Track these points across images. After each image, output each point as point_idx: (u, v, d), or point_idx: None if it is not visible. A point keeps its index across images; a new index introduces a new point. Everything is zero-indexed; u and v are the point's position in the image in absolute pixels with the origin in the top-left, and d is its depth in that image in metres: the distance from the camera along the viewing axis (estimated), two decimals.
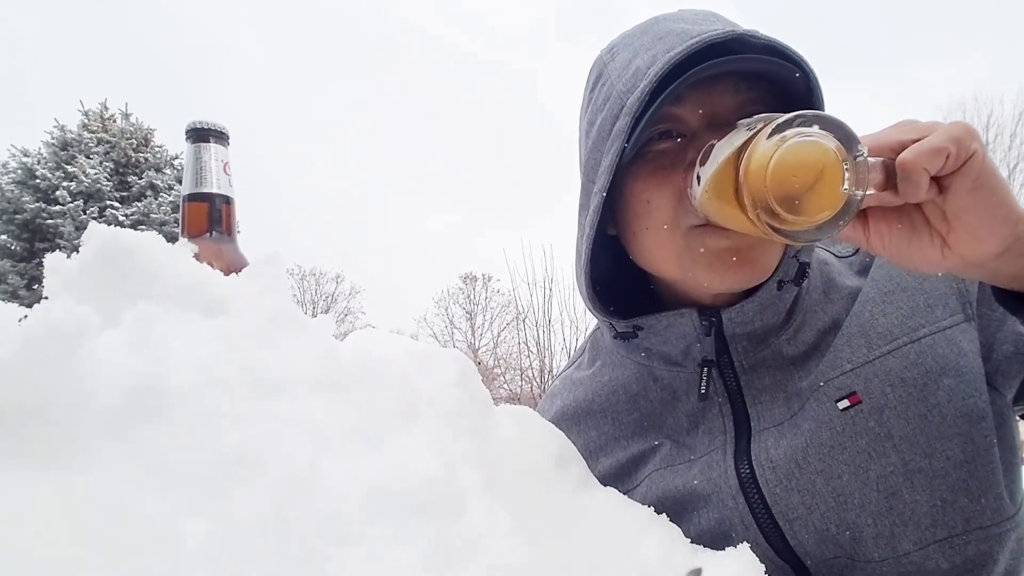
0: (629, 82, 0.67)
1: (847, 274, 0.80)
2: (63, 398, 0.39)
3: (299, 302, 17.93)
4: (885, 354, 0.71)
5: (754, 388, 0.76)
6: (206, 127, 0.71)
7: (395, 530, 0.44)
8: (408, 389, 0.55)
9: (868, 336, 0.72)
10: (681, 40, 0.64)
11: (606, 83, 0.71)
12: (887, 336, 0.72)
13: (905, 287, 0.74)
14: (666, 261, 0.72)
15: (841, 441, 0.69)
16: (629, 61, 0.69)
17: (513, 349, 19.12)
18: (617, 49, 0.73)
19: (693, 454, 0.77)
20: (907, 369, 0.70)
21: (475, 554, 0.46)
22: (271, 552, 0.39)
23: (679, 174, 0.67)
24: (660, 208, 0.69)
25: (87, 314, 0.42)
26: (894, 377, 0.70)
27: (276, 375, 0.48)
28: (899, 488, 0.68)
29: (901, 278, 0.74)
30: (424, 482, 0.48)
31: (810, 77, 0.65)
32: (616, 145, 0.66)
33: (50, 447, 0.38)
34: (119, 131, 13.68)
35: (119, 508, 0.37)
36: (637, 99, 0.64)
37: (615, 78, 0.70)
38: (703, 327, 0.74)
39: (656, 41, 0.67)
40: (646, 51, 0.68)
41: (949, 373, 0.69)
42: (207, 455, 0.41)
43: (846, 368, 0.71)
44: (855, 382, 0.70)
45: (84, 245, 0.49)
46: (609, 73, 0.72)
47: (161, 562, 0.36)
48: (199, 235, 0.70)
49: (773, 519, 0.71)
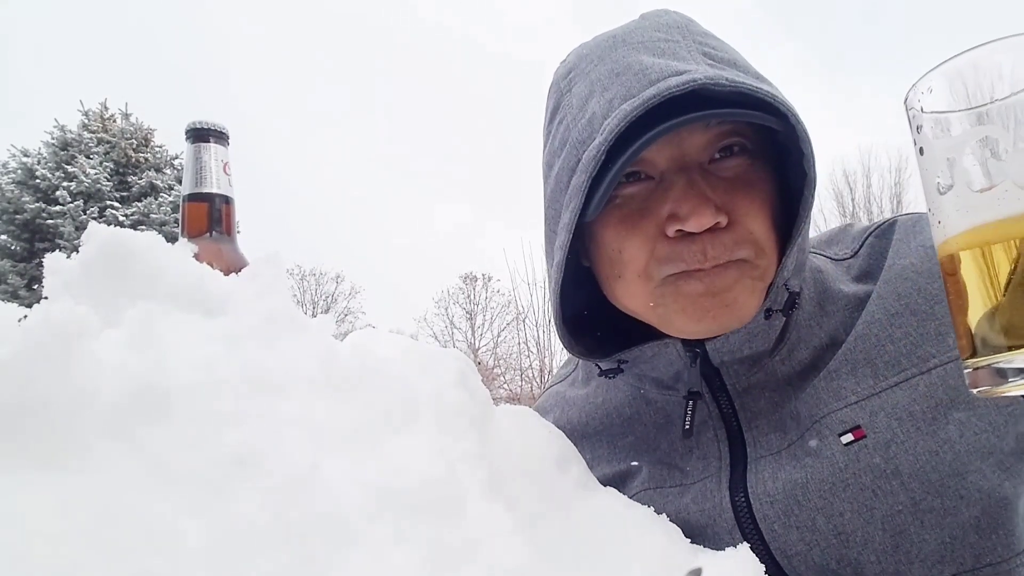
0: (585, 130, 0.65)
1: (844, 280, 0.76)
2: (63, 398, 0.39)
3: (299, 302, 17.93)
4: (893, 386, 0.67)
5: (749, 412, 0.72)
6: (206, 127, 0.71)
7: (395, 530, 0.44)
8: (408, 389, 0.55)
9: (875, 365, 0.68)
10: (639, 84, 0.61)
11: (563, 121, 0.69)
12: (895, 366, 0.67)
13: (915, 310, 0.69)
14: (640, 308, 0.69)
15: (844, 478, 0.65)
16: (585, 100, 0.66)
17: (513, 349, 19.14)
18: (574, 76, 0.70)
19: (686, 479, 0.74)
20: (915, 402, 0.65)
21: (475, 554, 0.46)
22: (271, 552, 0.39)
23: (650, 221, 0.65)
24: (632, 259, 0.67)
25: (87, 314, 0.42)
26: (901, 411, 0.65)
27: (276, 375, 0.48)
28: (907, 527, 0.64)
29: (910, 298, 0.69)
30: (424, 482, 0.48)
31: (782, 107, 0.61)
32: (574, 203, 0.64)
33: (50, 447, 0.38)
34: (119, 131, 13.69)
35: (119, 508, 0.37)
36: (592, 158, 0.62)
37: (571, 120, 0.67)
38: (688, 357, 0.71)
39: (613, 78, 0.64)
40: (603, 92, 0.65)
41: (960, 407, 0.65)
42: (207, 455, 0.41)
43: (851, 400, 0.67)
44: (860, 415, 0.66)
45: (84, 245, 0.50)
46: (566, 109, 0.69)
47: (161, 562, 0.36)
48: (199, 235, 0.70)
49: (772, 556, 0.68)
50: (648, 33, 0.68)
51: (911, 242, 0.73)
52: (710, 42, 0.68)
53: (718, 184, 0.65)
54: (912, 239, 0.73)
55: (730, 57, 0.67)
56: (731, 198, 0.64)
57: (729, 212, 0.64)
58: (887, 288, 0.71)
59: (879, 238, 0.76)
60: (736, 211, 0.64)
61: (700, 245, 0.63)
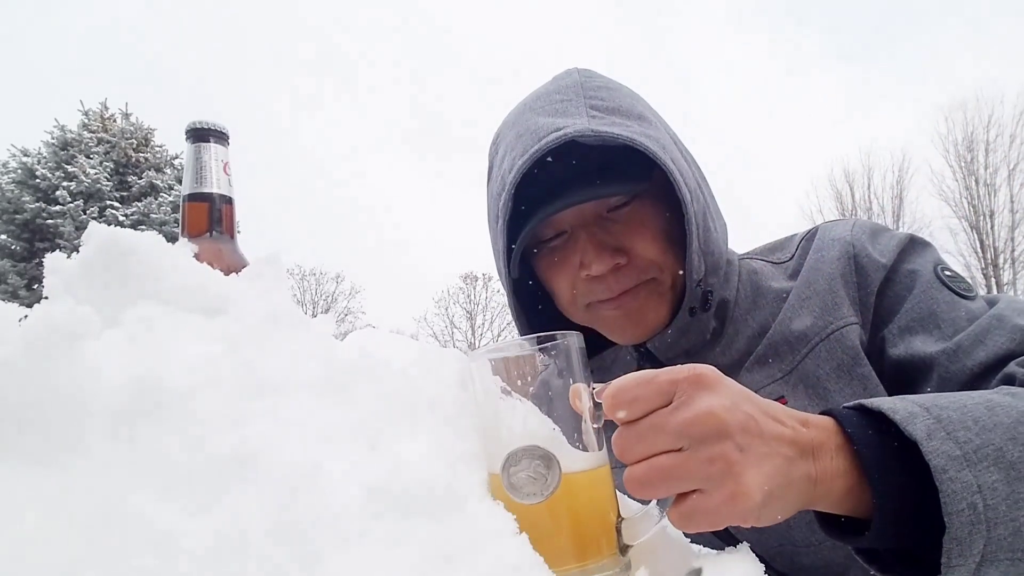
0: (499, 185, 0.80)
1: (778, 277, 0.88)
2: (63, 398, 0.39)
3: (299, 302, 17.90)
4: (803, 357, 0.79)
5: None
6: (206, 127, 0.71)
7: (395, 530, 0.44)
8: (408, 389, 0.55)
9: (790, 343, 0.80)
10: (532, 141, 0.76)
11: (494, 178, 0.84)
12: (803, 340, 0.79)
13: (818, 291, 0.81)
14: (582, 323, 0.85)
15: None
16: (502, 161, 0.82)
17: None
18: (499, 141, 0.86)
19: None
20: (820, 367, 0.77)
21: (475, 554, 0.46)
22: (271, 552, 0.39)
23: (568, 268, 0.82)
24: (562, 292, 0.85)
25: (87, 314, 0.42)
26: (810, 376, 0.77)
27: (276, 375, 0.48)
28: None
29: (817, 284, 0.81)
30: (424, 482, 0.47)
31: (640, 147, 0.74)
32: (502, 265, 0.82)
33: (50, 447, 0.38)
34: (119, 131, 13.69)
35: (119, 508, 0.37)
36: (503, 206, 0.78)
37: (495, 175, 0.84)
38: (636, 356, 0.87)
39: (516, 140, 0.80)
40: (509, 152, 0.80)
41: (861, 362, 0.76)
42: (207, 455, 0.41)
43: (777, 376, 0.80)
44: (784, 388, 0.79)
45: (84, 245, 0.49)
46: (494, 167, 0.85)
47: (160, 562, 0.36)
48: (199, 235, 0.70)
49: None
50: (549, 96, 0.83)
51: (825, 238, 0.85)
52: (601, 95, 0.82)
53: (616, 229, 0.80)
54: (826, 235, 0.85)
55: (616, 105, 0.81)
56: (628, 239, 0.80)
57: (627, 251, 0.79)
58: (802, 279, 0.83)
59: (807, 241, 0.89)
60: (633, 249, 0.79)
61: (606, 283, 0.79)
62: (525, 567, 0.46)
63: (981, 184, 18.35)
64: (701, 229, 0.79)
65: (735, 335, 0.85)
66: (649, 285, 0.80)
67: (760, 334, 0.83)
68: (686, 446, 0.46)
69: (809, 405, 0.75)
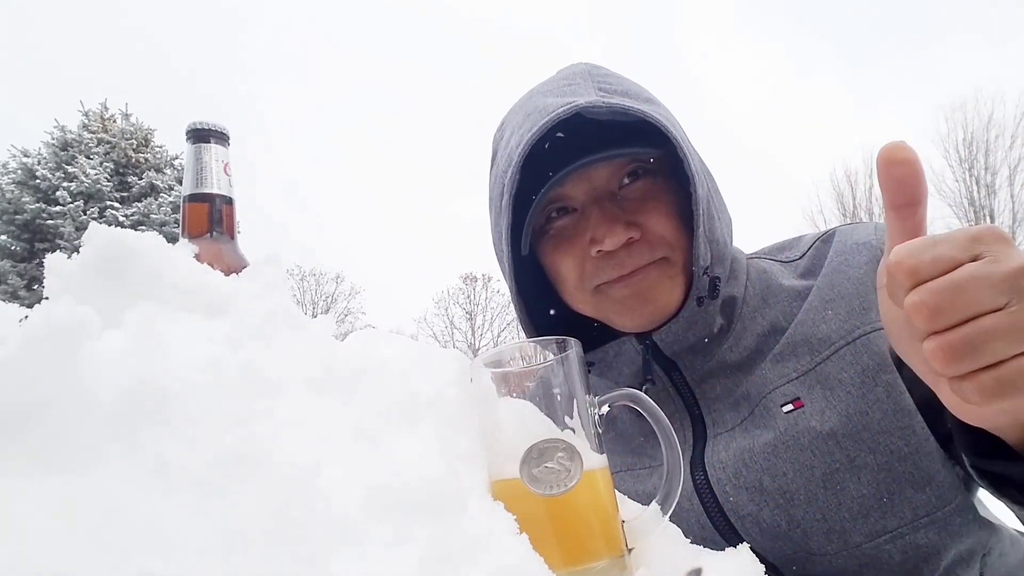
0: (506, 162, 0.78)
1: (788, 276, 0.87)
2: (64, 398, 0.39)
3: (299, 302, 17.89)
4: (825, 359, 0.76)
5: (707, 397, 0.82)
6: (206, 127, 0.71)
7: (395, 530, 0.44)
8: (408, 389, 0.55)
9: (811, 344, 0.77)
10: (541, 117, 0.74)
11: (499, 160, 0.82)
12: (826, 342, 0.76)
13: (844, 294, 0.78)
14: (588, 311, 0.84)
15: (784, 440, 0.74)
16: (508, 141, 0.81)
17: None
18: (504, 126, 0.85)
19: (653, 462, 0.83)
20: (843, 370, 0.74)
21: (475, 554, 0.46)
22: (271, 552, 0.39)
23: (577, 245, 0.80)
24: (568, 275, 0.82)
25: (88, 314, 0.42)
26: (832, 379, 0.74)
27: (276, 375, 0.48)
28: (846, 483, 0.71)
29: (842, 286, 0.79)
30: (424, 482, 0.48)
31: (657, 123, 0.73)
32: (507, 252, 0.80)
33: (50, 447, 0.38)
34: (119, 131, 13.70)
35: (119, 508, 0.37)
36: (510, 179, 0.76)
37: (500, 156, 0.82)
38: (641, 349, 0.83)
39: (524, 119, 0.78)
40: (517, 130, 0.78)
41: (887, 370, 0.72)
42: (207, 455, 0.41)
43: (792, 377, 0.77)
44: (799, 389, 0.76)
45: (85, 246, 0.49)
46: (499, 150, 0.83)
47: (161, 562, 0.36)
48: (199, 235, 0.70)
49: (727, 518, 0.76)
50: (555, 82, 0.82)
51: (847, 241, 0.83)
52: (609, 80, 0.81)
53: (628, 205, 0.79)
54: (849, 239, 0.84)
55: (624, 88, 0.80)
56: (640, 214, 0.78)
57: (640, 226, 0.78)
58: (824, 281, 0.81)
59: (824, 243, 0.87)
60: (646, 224, 0.78)
61: (618, 259, 0.78)
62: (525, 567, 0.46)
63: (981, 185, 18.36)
64: (706, 216, 0.77)
65: (743, 332, 0.83)
66: (661, 265, 0.78)
67: (771, 332, 0.82)
68: (1014, 302, 0.40)
69: (827, 408, 0.73)
